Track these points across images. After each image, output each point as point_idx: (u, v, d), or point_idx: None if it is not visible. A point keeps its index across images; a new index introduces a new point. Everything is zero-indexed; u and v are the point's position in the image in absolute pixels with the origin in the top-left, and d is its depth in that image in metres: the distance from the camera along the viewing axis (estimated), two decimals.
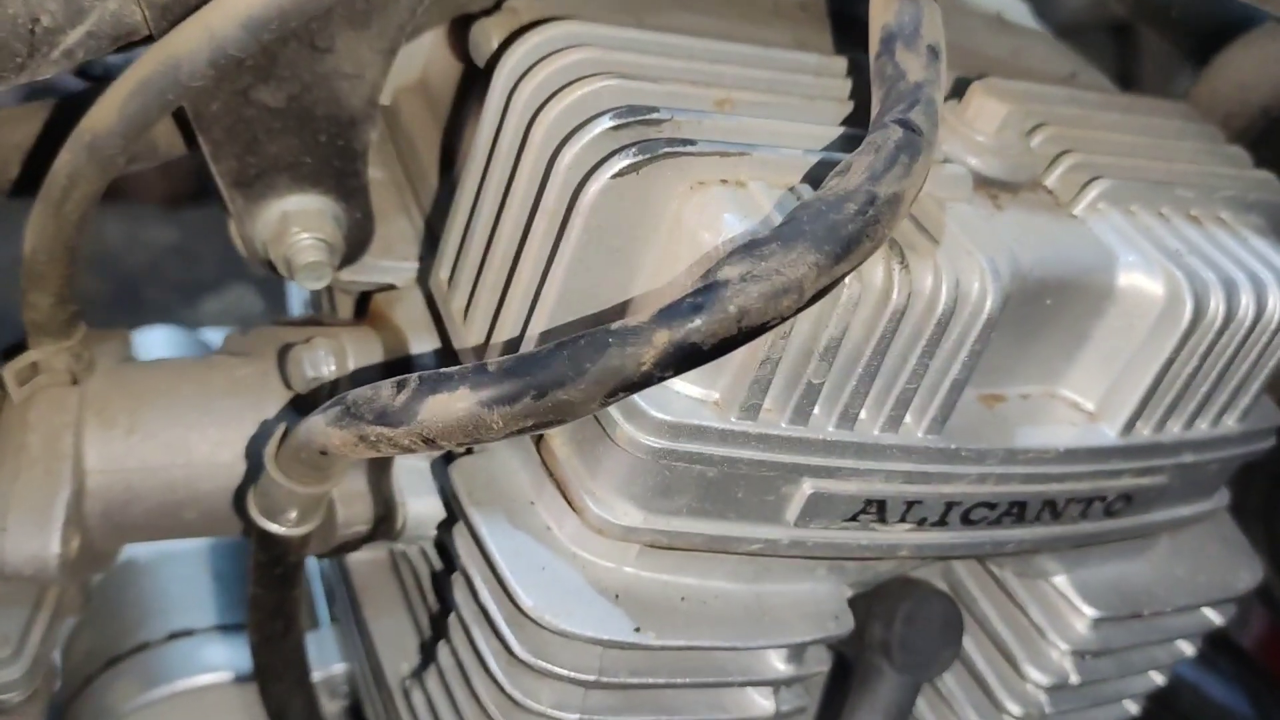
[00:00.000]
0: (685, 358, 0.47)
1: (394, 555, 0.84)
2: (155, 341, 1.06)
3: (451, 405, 0.50)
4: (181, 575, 0.95)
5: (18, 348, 0.69)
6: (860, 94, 0.65)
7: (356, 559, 0.85)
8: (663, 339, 0.47)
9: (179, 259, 3.70)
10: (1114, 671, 0.77)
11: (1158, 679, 0.82)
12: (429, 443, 0.51)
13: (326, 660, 0.91)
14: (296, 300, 1.04)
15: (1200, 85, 0.89)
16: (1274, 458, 1.20)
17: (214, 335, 1.21)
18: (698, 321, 0.47)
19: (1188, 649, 0.80)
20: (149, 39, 0.57)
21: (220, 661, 0.88)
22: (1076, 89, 0.79)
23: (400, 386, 0.52)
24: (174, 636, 0.90)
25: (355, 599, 0.84)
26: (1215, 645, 1.18)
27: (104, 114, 0.58)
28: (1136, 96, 0.82)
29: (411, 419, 0.51)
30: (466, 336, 0.64)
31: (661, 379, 0.48)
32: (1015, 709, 0.75)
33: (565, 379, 0.48)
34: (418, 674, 0.74)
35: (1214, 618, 0.78)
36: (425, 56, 0.80)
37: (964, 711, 0.77)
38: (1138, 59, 2.18)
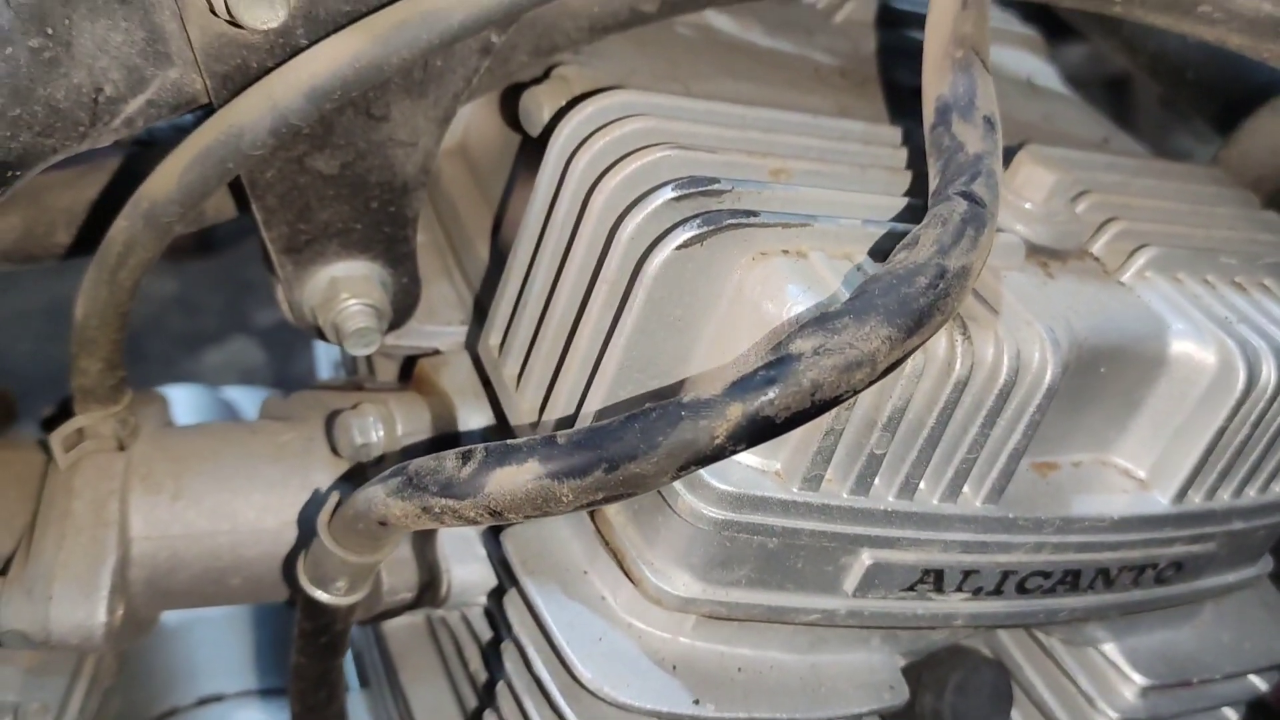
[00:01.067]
0: (759, 431, 0.47)
1: (431, 621, 0.83)
2: (177, 400, 1.06)
3: (519, 478, 0.49)
4: (210, 640, 0.94)
5: (63, 413, 0.68)
6: (909, 163, 0.66)
7: (393, 624, 0.84)
8: (736, 412, 0.47)
9: (181, 311, 3.70)
10: None
11: None
12: (495, 515, 0.51)
13: None
14: (325, 361, 1.04)
15: (1230, 149, 0.90)
16: None
17: (235, 394, 1.20)
18: (771, 394, 0.47)
19: (1232, 716, 0.80)
20: (208, 107, 0.58)
21: None
22: (1113, 154, 0.80)
23: (465, 458, 0.51)
24: (203, 702, 0.89)
25: (391, 665, 0.83)
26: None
27: (163, 182, 0.58)
28: (1170, 162, 0.82)
29: (478, 492, 0.50)
30: (520, 404, 0.64)
31: (734, 452, 0.48)
32: None
33: (637, 452, 0.47)
34: None
35: (1259, 685, 0.78)
36: (466, 121, 0.80)
37: None
38: (1132, 112, 2.21)
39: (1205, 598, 0.75)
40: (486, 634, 0.74)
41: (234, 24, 0.52)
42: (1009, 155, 0.68)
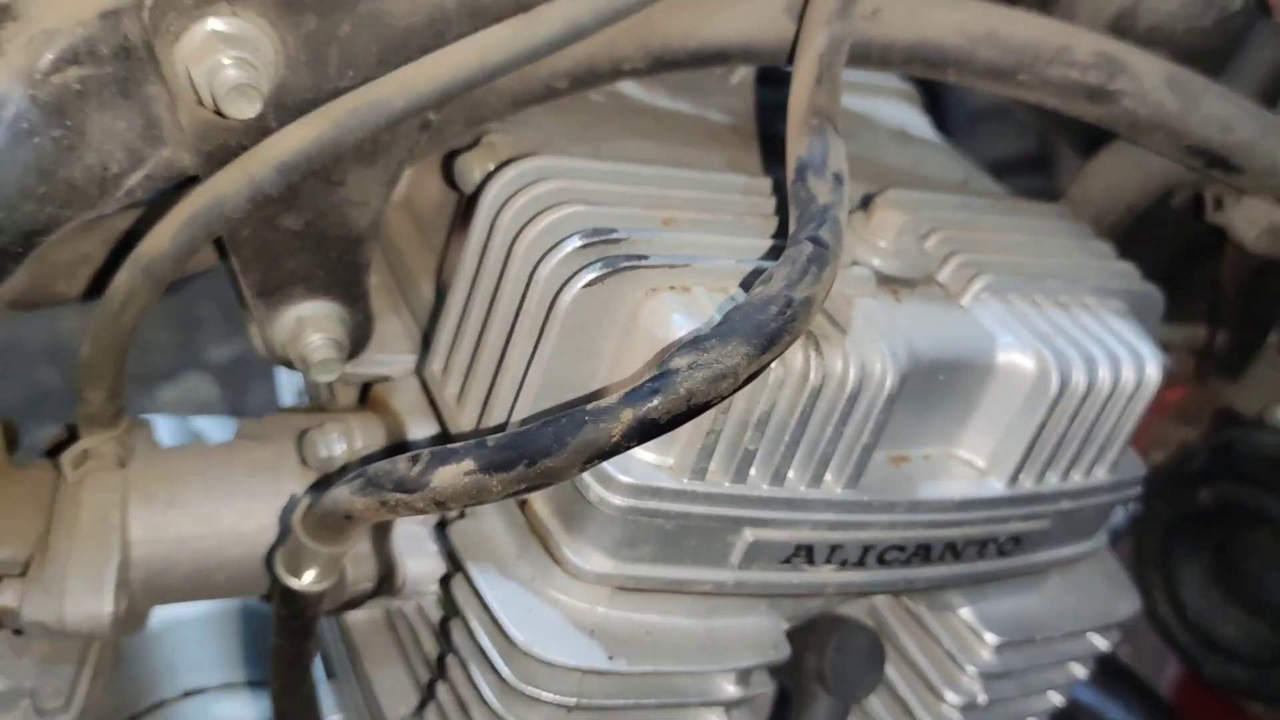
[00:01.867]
0: (646, 431, 0.60)
1: (389, 613, 0.95)
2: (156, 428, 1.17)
3: (458, 474, 0.61)
4: (192, 640, 1.05)
5: (71, 438, 0.80)
6: (777, 209, 0.79)
7: (355, 618, 0.96)
8: (628, 416, 0.59)
9: (135, 350, 3.77)
10: (1016, 692, 0.89)
11: (1056, 699, 0.94)
12: (440, 505, 0.63)
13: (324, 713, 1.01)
14: (287, 391, 1.16)
15: (1075, 188, 1.04)
16: (1169, 513, 1.35)
17: (201, 423, 1.32)
18: (655, 401, 0.59)
19: (1080, 671, 0.93)
20: (195, 179, 0.70)
21: (229, 715, 0.98)
22: (967, 195, 0.94)
23: (415, 460, 0.63)
24: (187, 694, 1.00)
25: (355, 653, 0.94)
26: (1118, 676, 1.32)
27: (158, 241, 0.70)
28: (1019, 200, 0.96)
29: (425, 486, 0.62)
30: (460, 418, 0.76)
31: (628, 448, 0.60)
32: None
33: (551, 450, 0.60)
34: (417, 712, 0.84)
35: (1099, 643, 0.91)
36: (409, 181, 0.93)
37: None
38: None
39: (1047, 568, 0.88)
40: (437, 620, 0.86)
41: (218, 114, 0.64)
42: (871, 199, 0.81)
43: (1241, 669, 1.28)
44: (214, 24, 0.63)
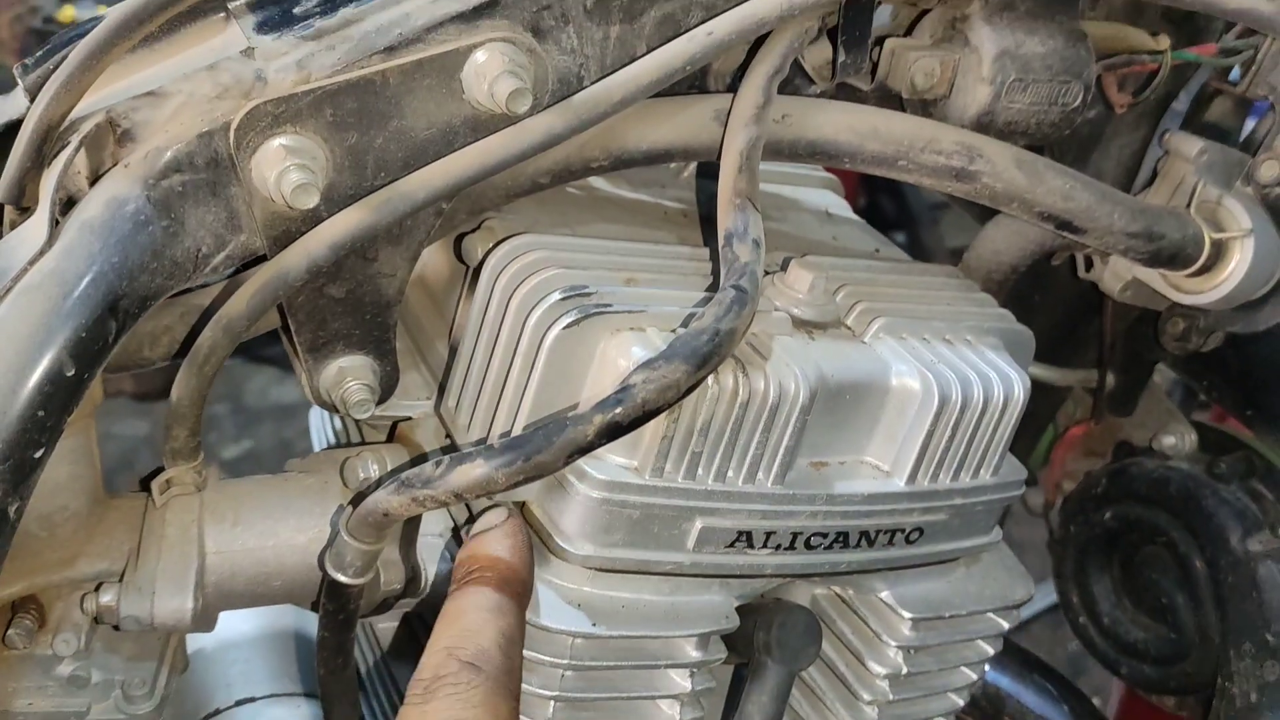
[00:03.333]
0: (613, 431, 0.80)
1: (411, 622, 1.13)
2: None
3: (472, 471, 0.81)
4: (240, 658, 1.23)
5: (157, 472, 0.99)
6: (716, 272, 1.00)
7: (383, 627, 1.15)
8: (599, 420, 0.80)
9: (149, 450, 3.96)
10: (934, 664, 1.07)
11: (971, 674, 1.12)
12: (458, 497, 0.83)
13: None
14: (318, 441, 1.35)
15: (969, 252, 1.26)
16: (1080, 534, 1.55)
17: None
18: (619, 409, 0.80)
19: (989, 649, 1.12)
20: (264, 257, 0.91)
21: (278, 717, 1.16)
22: (875, 260, 1.16)
23: (438, 464, 0.83)
24: (240, 703, 1.18)
25: (384, 659, 1.13)
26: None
27: (236, 305, 0.90)
28: (918, 263, 1.18)
29: (447, 483, 0.82)
30: (469, 439, 0.97)
31: (600, 445, 0.80)
32: (866, 695, 1.05)
33: (541, 448, 0.80)
34: None
35: (1000, 621, 1.10)
36: (424, 259, 1.14)
37: (829, 700, 1.07)
38: None
39: (952, 557, 1.08)
40: None
41: (288, 206, 0.85)
42: (789, 260, 1.02)
43: (1151, 668, 1.46)
44: (282, 140, 0.84)
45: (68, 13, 4.74)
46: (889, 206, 5.01)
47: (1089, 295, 1.38)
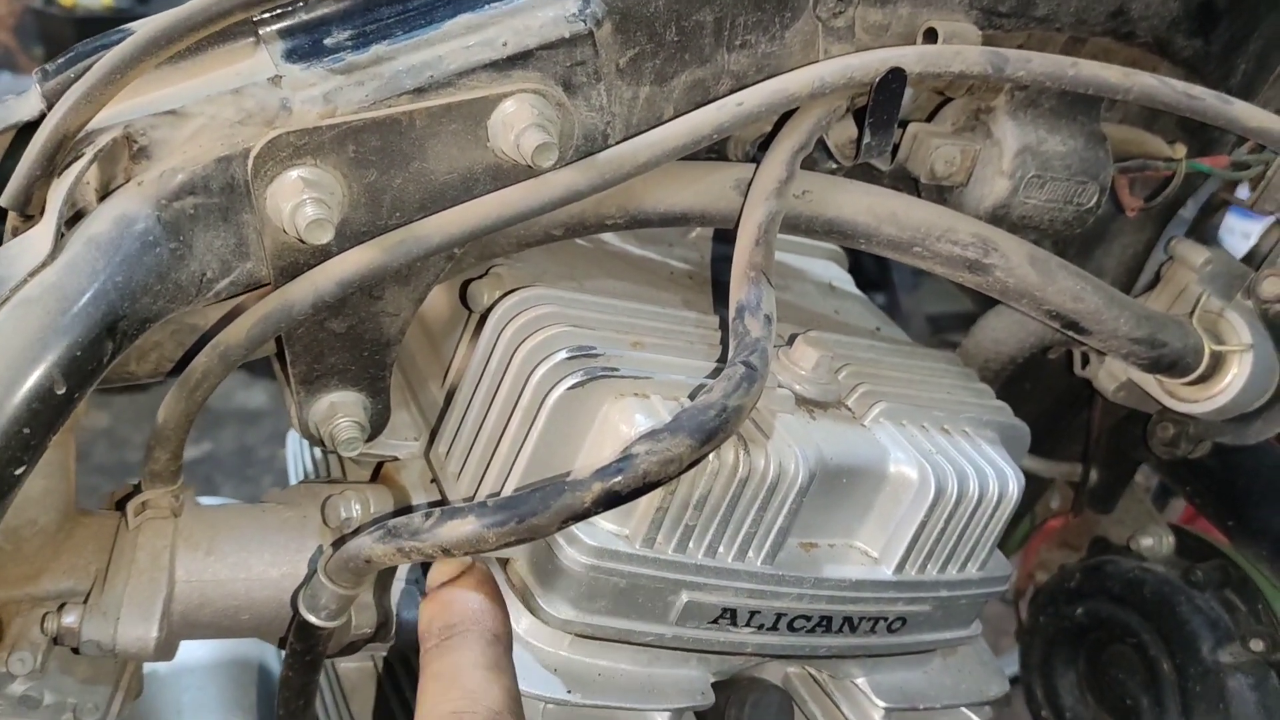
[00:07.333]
0: (611, 500, 0.78)
1: (376, 662, 1.11)
2: None
3: (463, 528, 0.79)
4: (193, 685, 1.20)
5: (136, 490, 0.97)
6: (723, 341, 0.99)
7: (347, 667, 1.12)
8: (598, 487, 0.78)
9: (108, 443, 3.90)
10: None
11: None
12: (445, 552, 0.81)
13: None
14: (294, 469, 1.33)
15: (968, 339, 1.26)
16: (1050, 626, 1.54)
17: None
18: (620, 478, 0.78)
19: None
20: (268, 285, 0.89)
21: None
22: (876, 340, 1.15)
23: (428, 516, 0.81)
24: None
25: (345, 698, 1.10)
26: None
27: (235, 333, 0.88)
28: (918, 346, 1.18)
29: (435, 537, 0.80)
30: (458, 489, 0.95)
31: (597, 513, 0.79)
32: None
33: (536, 511, 0.78)
34: None
35: (973, 716, 1.09)
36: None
37: None
38: None
39: (930, 648, 1.07)
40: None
41: (300, 240, 0.83)
42: (796, 336, 1.02)
43: None
44: (300, 172, 0.82)
45: None
46: (870, 266, 5.03)
47: (1079, 388, 1.38)
